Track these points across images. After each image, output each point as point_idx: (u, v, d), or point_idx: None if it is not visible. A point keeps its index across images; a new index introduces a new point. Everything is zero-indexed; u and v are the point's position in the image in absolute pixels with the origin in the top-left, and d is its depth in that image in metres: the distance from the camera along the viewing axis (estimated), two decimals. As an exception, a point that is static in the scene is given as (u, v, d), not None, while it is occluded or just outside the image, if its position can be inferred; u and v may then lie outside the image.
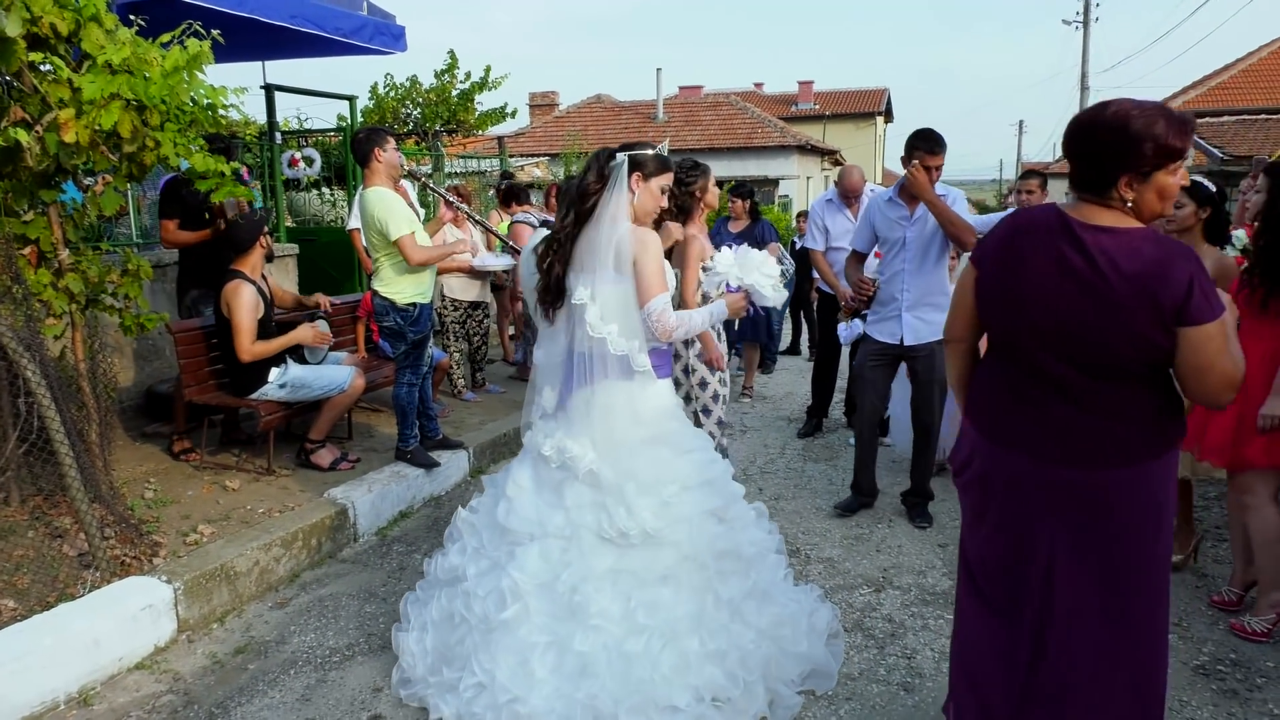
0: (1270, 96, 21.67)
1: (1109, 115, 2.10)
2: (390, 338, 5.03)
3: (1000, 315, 2.27)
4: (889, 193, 4.74)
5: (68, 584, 3.57)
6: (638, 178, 3.06)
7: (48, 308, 3.86)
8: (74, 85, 3.47)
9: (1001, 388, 2.32)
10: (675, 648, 2.90)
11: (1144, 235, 2.11)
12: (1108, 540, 2.19)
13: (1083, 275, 2.09)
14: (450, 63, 11.65)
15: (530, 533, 3.06)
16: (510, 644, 2.92)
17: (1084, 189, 2.18)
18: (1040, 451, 2.22)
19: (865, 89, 40.79)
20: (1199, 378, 2.08)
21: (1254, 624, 3.49)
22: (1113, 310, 2.06)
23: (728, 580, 3.07)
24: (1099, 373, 2.14)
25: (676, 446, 3.10)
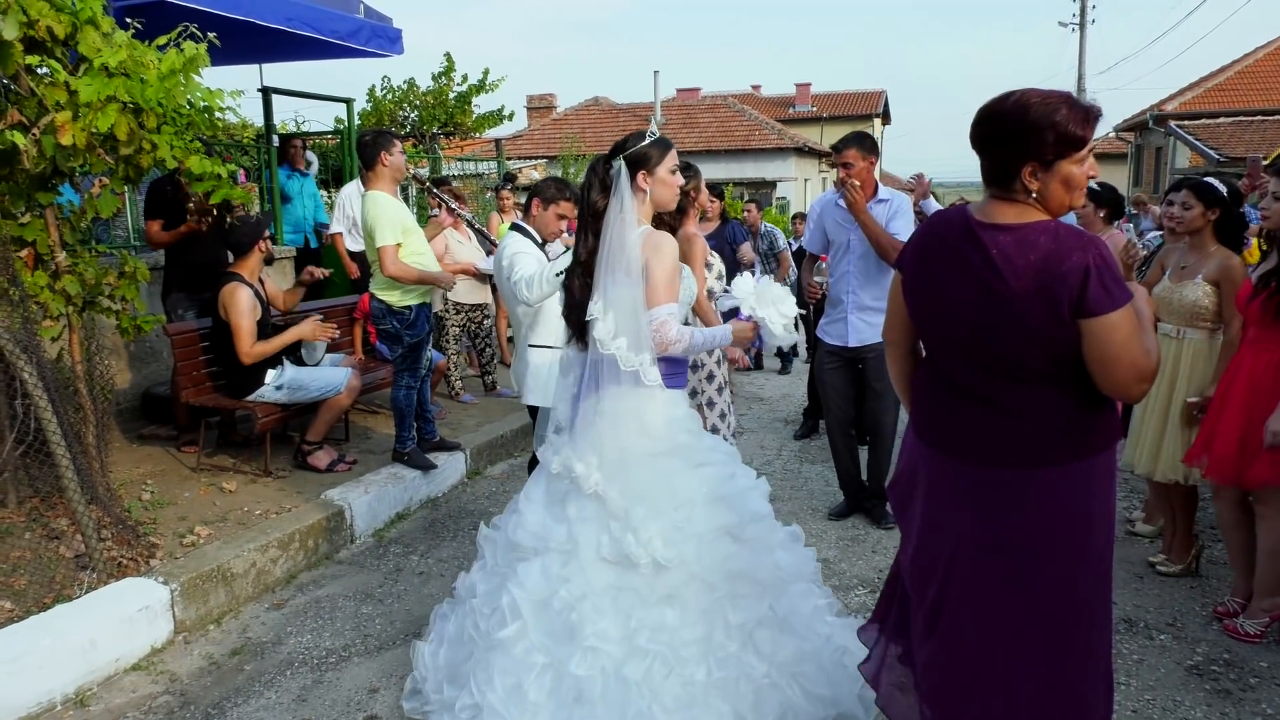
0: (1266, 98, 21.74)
1: (1009, 104, 2.05)
2: (387, 340, 5.03)
3: (919, 319, 2.28)
4: (835, 196, 4.77)
5: (64, 585, 3.58)
6: (643, 175, 2.93)
7: (45, 310, 3.87)
8: (71, 88, 3.48)
9: (928, 388, 2.34)
10: (679, 676, 2.71)
11: (1042, 229, 2.06)
12: (1014, 543, 2.14)
13: (980, 275, 2.07)
14: (447, 65, 11.68)
15: (535, 548, 2.93)
16: (506, 664, 2.79)
17: (990, 183, 2.14)
18: (953, 450, 2.23)
19: (862, 91, 40.87)
20: (1106, 370, 2.02)
21: (1247, 626, 3.50)
22: (1008, 308, 2.03)
23: (740, 604, 2.85)
24: (1002, 373, 2.12)
25: (689, 459, 2.92)
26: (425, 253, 5.00)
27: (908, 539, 2.43)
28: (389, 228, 4.74)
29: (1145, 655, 3.41)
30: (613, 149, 2.99)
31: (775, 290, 3.34)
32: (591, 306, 2.88)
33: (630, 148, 2.93)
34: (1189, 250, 3.90)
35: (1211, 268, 3.76)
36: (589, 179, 2.97)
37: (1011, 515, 2.15)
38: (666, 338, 2.85)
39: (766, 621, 2.87)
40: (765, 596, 2.90)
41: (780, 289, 3.35)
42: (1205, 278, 3.77)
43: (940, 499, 2.27)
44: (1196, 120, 20.65)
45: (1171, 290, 3.88)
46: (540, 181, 4.23)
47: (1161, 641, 3.52)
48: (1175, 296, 3.85)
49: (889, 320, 2.46)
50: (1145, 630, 3.60)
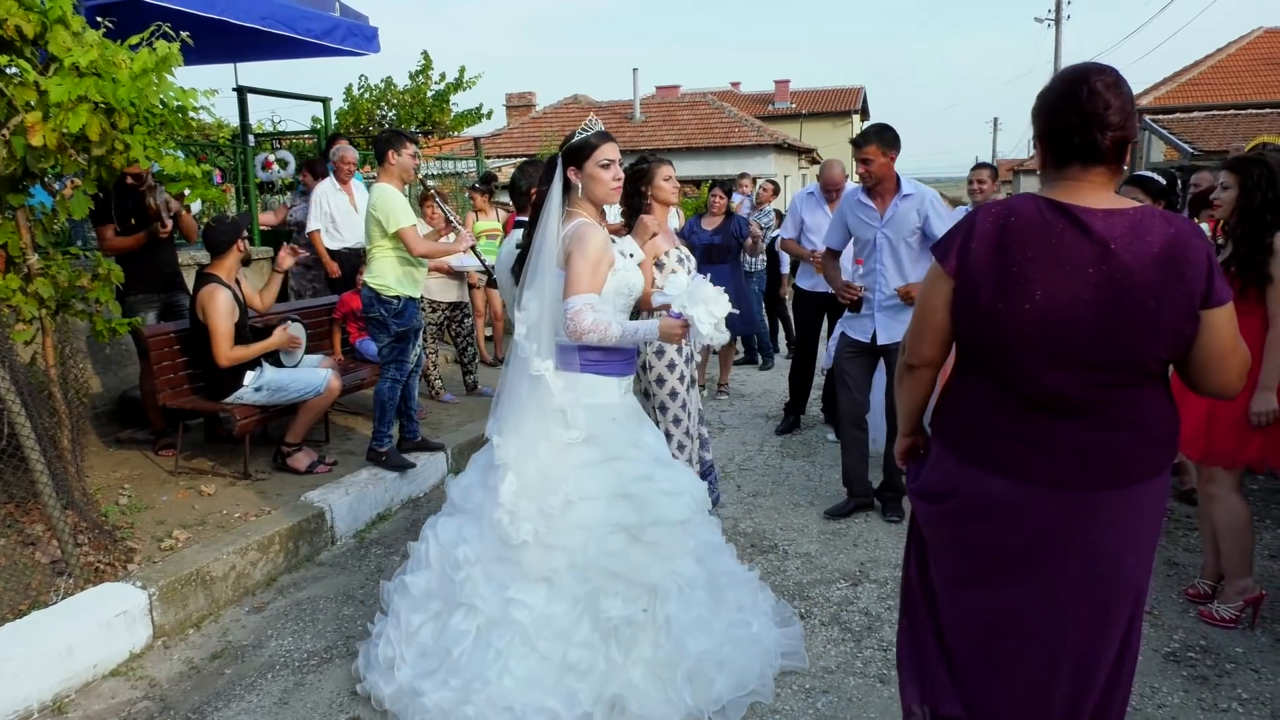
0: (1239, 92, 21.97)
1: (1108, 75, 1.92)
2: (374, 328, 5.10)
3: (994, 327, 1.94)
4: (857, 192, 4.74)
5: (40, 591, 3.54)
6: (572, 169, 3.05)
7: (17, 313, 3.82)
8: (41, 88, 3.43)
9: (988, 408, 2.03)
10: (537, 653, 2.88)
11: (1149, 212, 1.92)
12: (1118, 565, 1.99)
13: (1100, 267, 1.86)
14: (425, 63, 11.64)
15: (460, 505, 3.19)
16: (408, 604, 3.10)
17: (1066, 161, 1.95)
18: (1047, 478, 1.96)
19: (841, 88, 40.99)
20: (1223, 363, 1.92)
21: (1222, 611, 3.55)
22: (1137, 301, 1.84)
23: (613, 601, 2.95)
24: (1118, 379, 1.91)
25: (603, 451, 3.03)
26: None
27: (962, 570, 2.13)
28: (403, 212, 4.93)
29: (1123, 643, 3.45)
30: (561, 143, 3.13)
31: (707, 290, 3.35)
32: (524, 294, 3.05)
33: (565, 144, 3.08)
34: None
35: None
36: (542, 174, 3.12)
37: (1126, 537, 1.98)
38: (580, 327, 2.94)
39: (639, 622, 2.95)
40: (642, 598, 2.98)
41: (712, 289, 3.35)
42: None
43: (1018, 535, 2.00)
44: (1171, 115, 20.84)
45: None
46: (522, 172, 4.20)
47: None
48: None
49: (920, 338, 2.10)
50: (1123, 619, 3.64)
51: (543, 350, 3.01)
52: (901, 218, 4.55)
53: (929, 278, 2.07)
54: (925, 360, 2.12)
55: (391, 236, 4.93)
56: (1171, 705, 3.06)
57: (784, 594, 3.92)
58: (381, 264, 4.99)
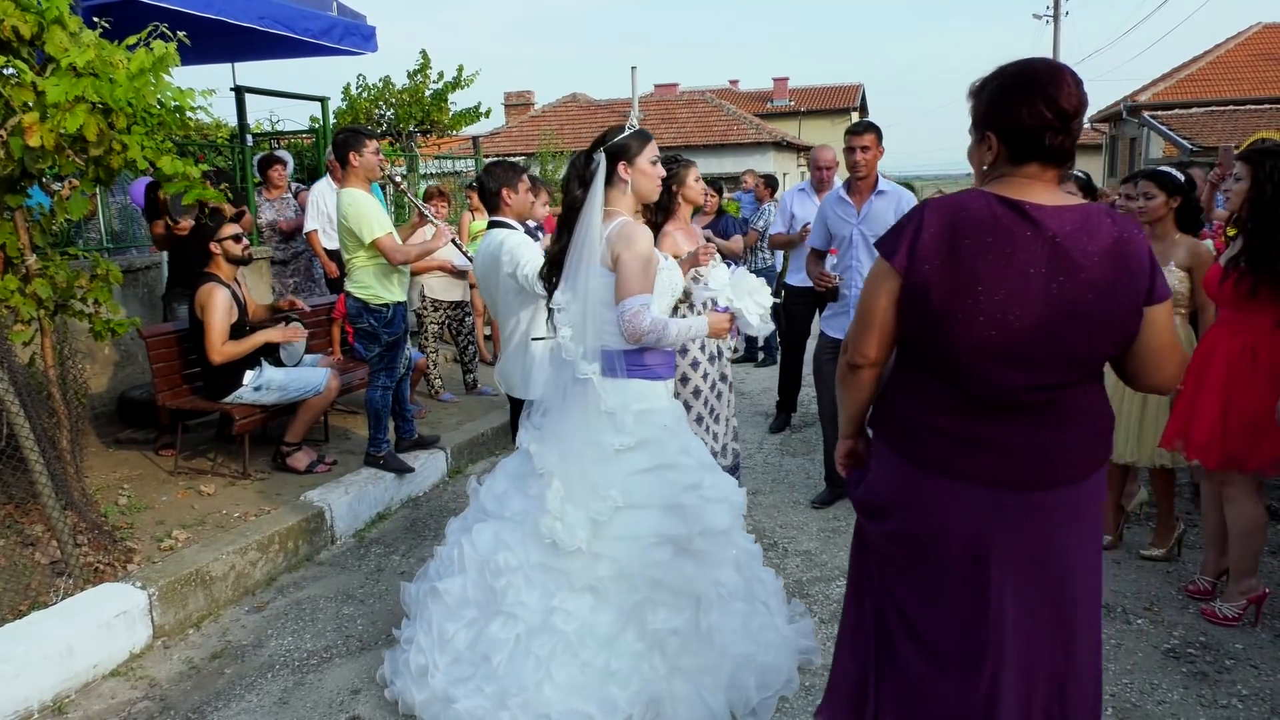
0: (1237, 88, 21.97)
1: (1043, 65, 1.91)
2: (364, 339, 4.97)
3: (944, 330, 1.88)
4: (837, 191, 4.81)
5: (40, 592, 3.54)
6: (624, 165, 2.96)
7: (15, 314, 3.82)
8: (38, 89, 3.43)
9: (933, 408, 1.99)
10: (578, 660, 2.82)
11: (1095, 209, 1.91)
12: (1072, 563, 1.98)
13: (1051, 264, 1.83)
14: (423, 62, 11.62)
15: (493, 512, 3.11)
16: (441, 611, 3.04)
17: (1021, 159, 1.91)
18: (997, 478, 1.93)
19: (840, 85, 40.98)
20: (1162, 360, 1.94)
21: (1224, 609, 3.54)
22: (1088, 298, 1.84)
23: (660, 612, 2.90)
24: (1067, 377, 1.90)
25: (654, 458, 2.91)
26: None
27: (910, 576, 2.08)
28: (376, 220, 4.74)
29: (1123, 639, 3.45)
30: (593, 143, 3.01)
31: (750, 281, 3.32)
32: (557, 297, 2.97)
33: (610, 139, 2.97)
34: (1152, 239, 3.94)
35: (1181, 254, 3.81)
36: (569, 174, 3.00)
37: (1070, 536, 1.96)
38: (639, 328, 2.84)
39: (684, 632, 2.91)
40: (688, 609, 2.93)
41: (755, 280, 3.33)
42: (1177, 264, 3.81)
43: (976, 537, 1.96)
44: (1170, 110, 20.84)
45: None
46: (489, 174, 4.13)
47: (1139, 625, 3.56)
48: None
49: (865, 337, 2.02)
50: (1123, 614, 3.64)
51: (589, 353, 2.91)
52: (877, 214, 4.59)
53: (874, 274, 2.00)
54: (870, 359, 2.04)
55: (369, 246, 4.75)
56: (1171, 701, 3.06)
57: (784, 591, 3.92)
58: (364, 272, 4.82)
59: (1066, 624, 1.99)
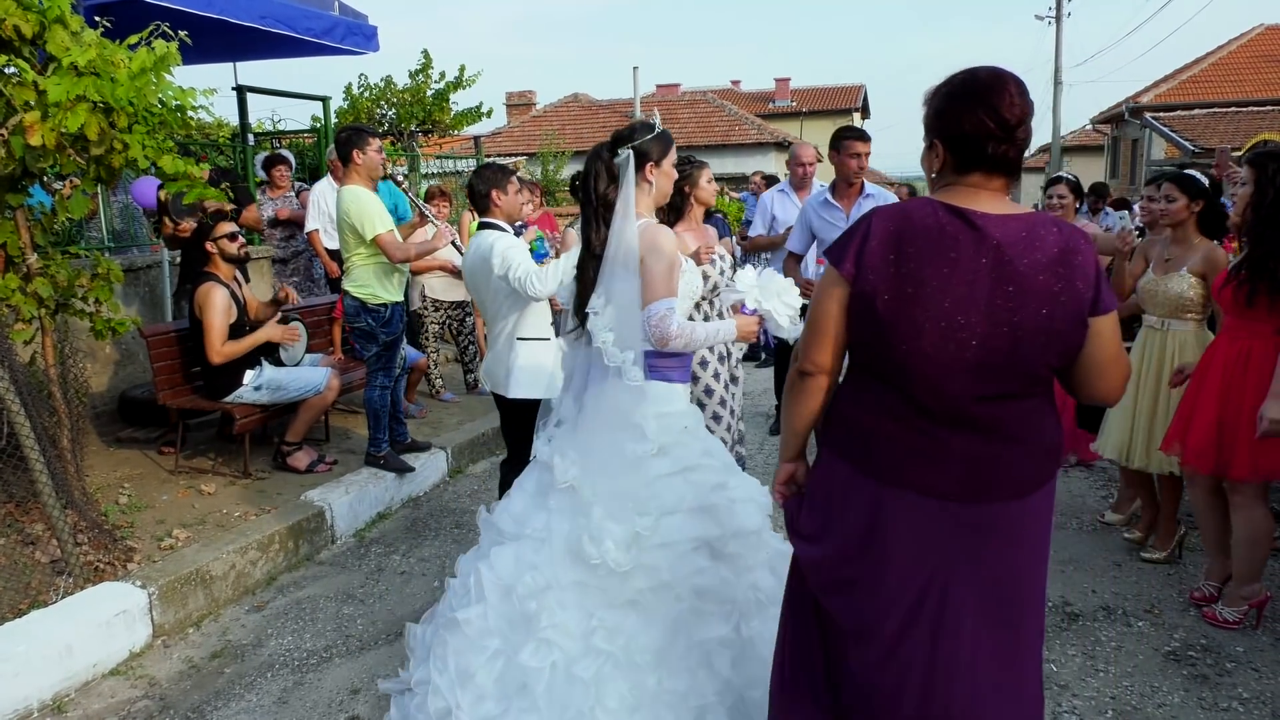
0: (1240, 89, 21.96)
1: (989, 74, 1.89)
2: (362, 340, 4.95)
3: (892, 333, 1.87)
4: (823, 194, 4.81)
5: (40, 591, 3.54)
6: (650, 167, 2.90)
7: (16, 313, 3.82)
8: (39, 88, 3.43)
9: (882, 415, 1.96)
10: (629, 681, 2.64)
11: (1041, 218, 1.89)
12: (1010, 576, 1.95)
13: (995, 274, 1.82)
14: (425, 62, 11.62)
15: (512, 533, 2.89)
16: (460, 645, 2.77)
17: (966, 167, 1.90)
18: (938, 489, 1.91)
19: (842, 85, 40.95)
20: (1106, 370, 1.93)
21: (1225, 613, 3.53)
22: (1032, 309, 1.82)
23: (705, 621, 2.75)
24: (1011, 389, 1.88)
25: (678, 462, 2.80)
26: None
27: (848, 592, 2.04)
28: (378, 216, 4.74)
29: (1123, 642, 3.44)
30: (615, 138, 2.93)
31: (779, 282, 3.25)
32: (593, 299, 2.85)
33: (638, 139, 2.89)
34: (1172, 242, 3.94)
35: (1196, 259, 3.80)
36: (595, 167, 2.91)
37: (1008, 550, 1.94)
38: (667, 333, 2.76)
39: (729, 642, 2.77)
40: (733, 617, 2.79)
41: (784, 280, 3.26)
42: (1190, 269, 3.80)
43: (913, 547, 1.94)
44: (1172, 112, 20.84)
45: (1156, 282, 3.92)
46: (478, 176, 4.10)
47: (1139, 628, 3.55)
48: (1160, 288, 3.89)
49: (818, 343, 1.99)
50: (1123, 617, 3.64)
51: (637, 358, 2.78)
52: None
53: (824, 282, 1.99)
54: (821, 367, 2.02)
55: (370, 243, 4.75)
56: (1172, 704, 3.05)
57: (784, 593, 3.93)
58: (363, 271, 4.81)
59: (1011, 641, 1.96)
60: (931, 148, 1.96)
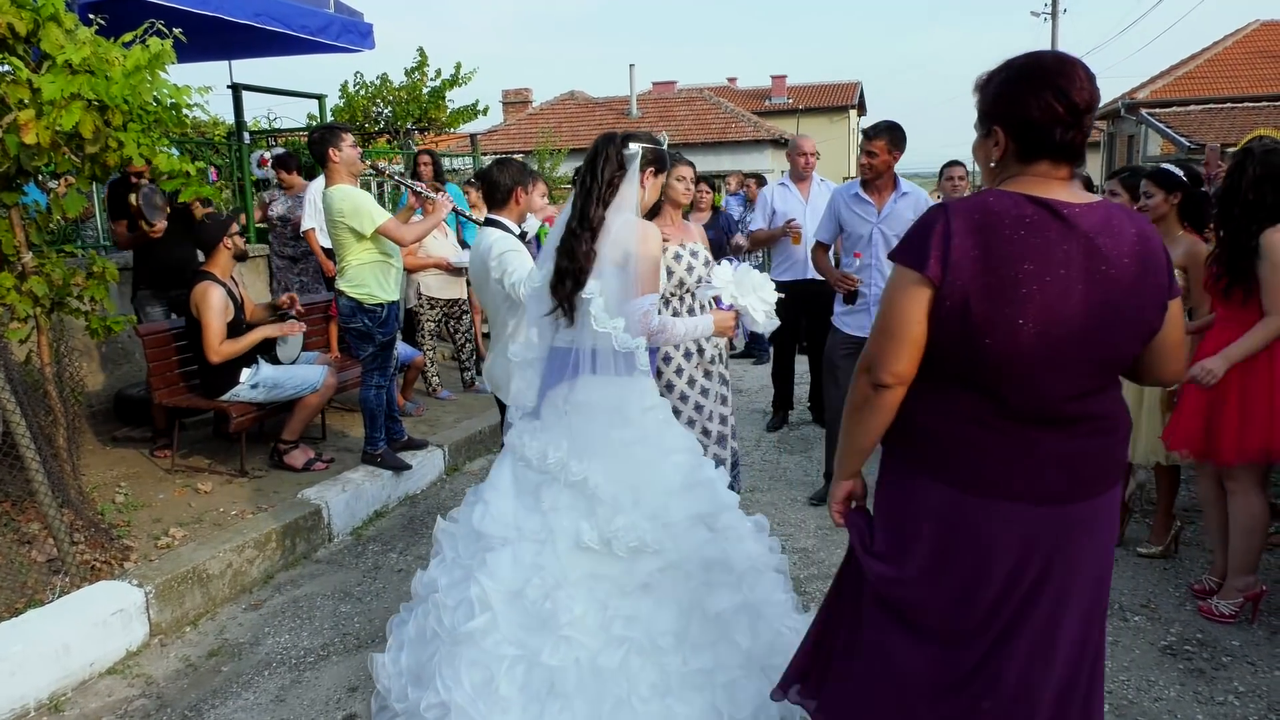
0: (1235, 85, 21.99)
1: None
2: (358, 340, 4.92)
3: (981, 341, 1.77)
4: (853, 187, 4.78)
5: (37, 590, 3.54)
6: (649, 173, 2.99)
7: (11, 311, 3.81)
8: (33, 86, 3.42)
9: (967, 423, 1.86)
10: (655, 664, 2.64)
11: (1111, 205, 1.85)
12: (1094, 569, 1.92)
13: (1087, 265, 1.76)
14: (420, 60, 11.60)
15: (505, 536, 2.82)
16: (475, 657, 2.67)
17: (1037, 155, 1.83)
18: (1030, 493, 1.84)
19: (838, 83, 40.95)
20: (1176, 353, 1.93)
21: (1221, 606, 3.54)
22: (1124, 299, 1.78)
23: (716, 592, 2.77)
24: (1100, 382, 1.84)
25: (659, 447, 2.87)
26: (394, 250, 4.95)
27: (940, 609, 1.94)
28: (374, 208, 4.73)
29: (1120, 636, 3.45)
30: (627, 135, 2.96)
31: (754, 277, 3.29)
32: (590, 284, 2.83)
33: (645, 143, 2.96)
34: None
35: (1179, 253, 3.81)
36: (605, 149, 2.90)
37: (1093, 546, 1.89)
38: (650, 327, 2.84)
39: (743, 609, 2.80)
40: (741, 585, 2.83)
41: (759, 275, 3.30)
42: (1174, 263, 3.81)
43: (1010, 556, 1.86)
44: (1168, 108, 20.85)
45: None
46: (503, 169, 4.03)
47: (1136, 623, 3.56)
48: None
49: (898, 352, 1.84)
50: (1120, 611, 3.64)
51: (642, 351, 2.81)
52: (898, 215, 4.61)
53: (901, 285, 1.84)
54: (902, 378, 1.87)
55: (371, 238, 4.72)
56: (1168, 698, 3.06)
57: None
58: (359, 271, 4.77)
59: (1094, 639, 1.95)
60: (990, 135, 1.88)
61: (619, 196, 2.87)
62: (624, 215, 2.86)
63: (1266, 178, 3.34)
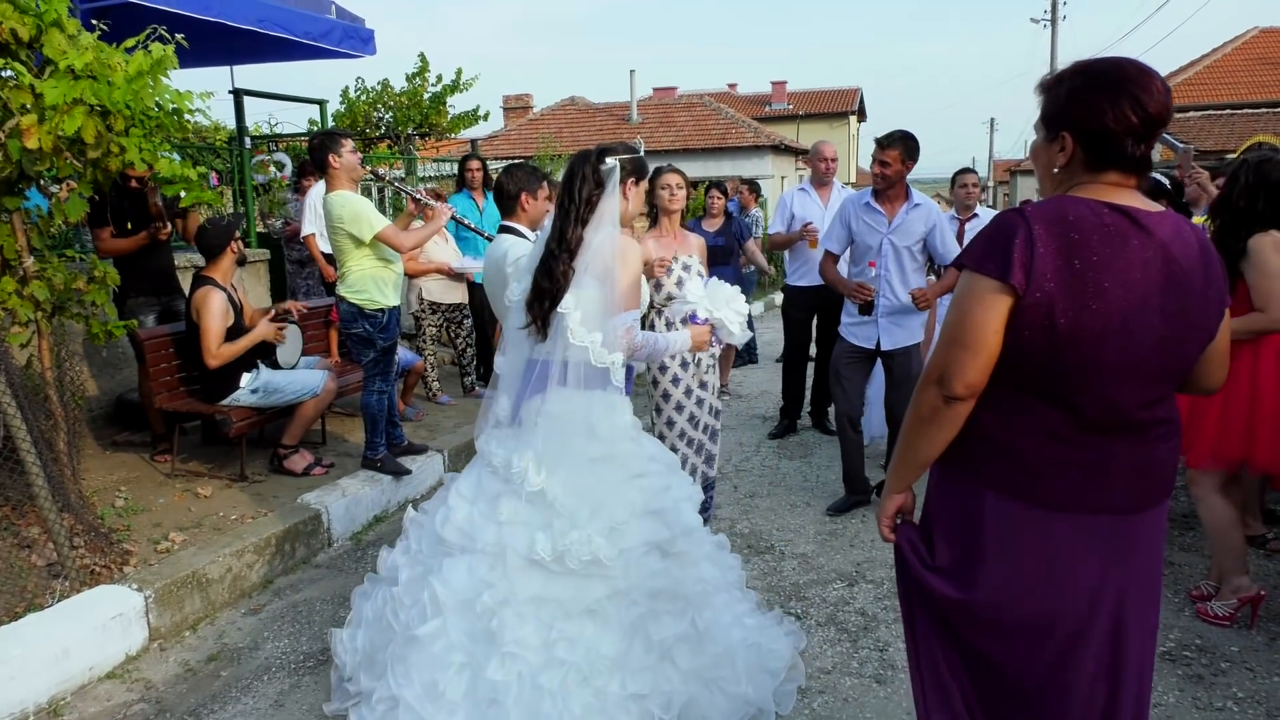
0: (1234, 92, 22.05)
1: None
2: (359, 345, 4.92)
3: (1066, 352, 1.74)
4: (864, 196, 4.78)
5: (36, 594, 3.54)
6: (630, 183, 3.01)
7: (13, 316, 3.82)
8: (36, 91, 3.43)
9: (1041, 436, 1.82)
10: (592, 687, 2.70)
11: (1175, 215, 1.83)
12: (1153, 577, 1.91)
13: (1165, 273, 1.74)
14: (421, 65, 11.63)
15: (461, 545, 2.88)
16: (424, 660, 2.76)
17: (1112, 164, 1.79)
18: (1104, 504, 1.82)
19: (838, 89, 41.02)
20: (1222, 362, 1.93)
21: (1217, 608, 3.56)
22: (1195, 306, 1.78)
23: (661, 620, 2.83)
24: (1165, 390, 1.83)
25: (627, 469, 2.88)
26: (394, 255, 4.95)
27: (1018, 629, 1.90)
28: (374, 214, 4.73)
29: (1119, 643, 3.45)
30: (602, 149, 2.97)
31: (725, 290, 3.34)
32: (566, 299, 2.86)
33: (621, 154, 2.96)
34: None
35: None
36: (581, 169, 2.91)
37: (1152, 554, 1.89)
38: (632, 343, 2.88)
39: (687, 637, 2.86)
40: (688, 612, 2.88)
41: (730, 288, 3.34)
42: None
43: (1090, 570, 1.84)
44: (1167, 115, 20.88)
45: None
46: (510, 175, 4.05)
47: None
48: None
49: (973, 363, 1.79)
50: (1119, 618, 3.64)
51: (617, 366, 2.83)
52: (909, 226, 4.62)
53: (977, 293, 1.78)
54: (974, 390, 1.82)
55: (370, 244, 4.72)
56: (1167, 704, 3.06)
57: (780, 595, 3.93)
58: (358, 276, 4.77)
59: (1145, 658, 1.94)
60: (1055, 140, 1.83)
61: (597, 214, 2.88)
62: (604, 231, 2.86)
63: (1259, 185, 3.40)
